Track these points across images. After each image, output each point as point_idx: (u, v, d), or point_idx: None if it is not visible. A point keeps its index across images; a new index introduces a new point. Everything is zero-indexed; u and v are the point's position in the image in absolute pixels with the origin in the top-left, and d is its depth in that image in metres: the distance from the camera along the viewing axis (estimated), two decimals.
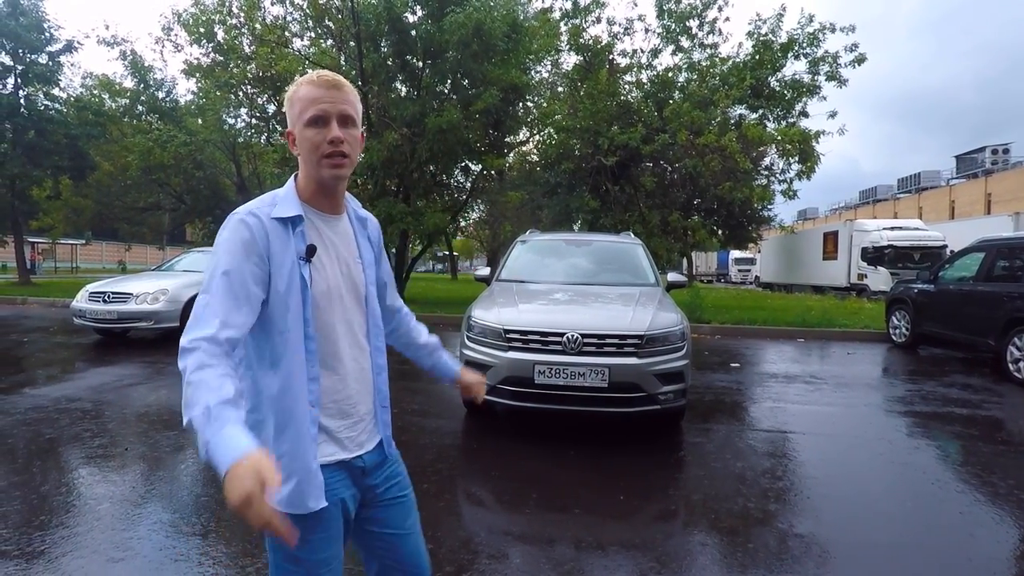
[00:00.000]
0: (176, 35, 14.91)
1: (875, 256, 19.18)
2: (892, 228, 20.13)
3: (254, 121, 15.68)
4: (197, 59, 15.06)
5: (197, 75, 15.07)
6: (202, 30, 13.93)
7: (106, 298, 8.22)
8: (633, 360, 4.02)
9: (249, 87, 14.79)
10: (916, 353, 8.86)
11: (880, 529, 3.01)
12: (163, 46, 15.28)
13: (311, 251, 1.19)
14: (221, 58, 14.27)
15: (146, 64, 15.21)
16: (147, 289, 8.24)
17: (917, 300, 8.97)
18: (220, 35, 14.04)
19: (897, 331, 9.50)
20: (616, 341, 4.06)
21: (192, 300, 8.49)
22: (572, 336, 4.03)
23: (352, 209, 1.36)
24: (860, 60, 13.86)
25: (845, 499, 3.39)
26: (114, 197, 17.41)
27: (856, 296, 18.82)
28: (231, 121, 15.18)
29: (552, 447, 4.17)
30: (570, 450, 4.08)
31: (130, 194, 16.91)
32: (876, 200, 53.41)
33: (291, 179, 1.28)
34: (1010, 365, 6.71)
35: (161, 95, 15.71)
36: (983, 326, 7.32)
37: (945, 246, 18.32)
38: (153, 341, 8.53)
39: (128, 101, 15.54)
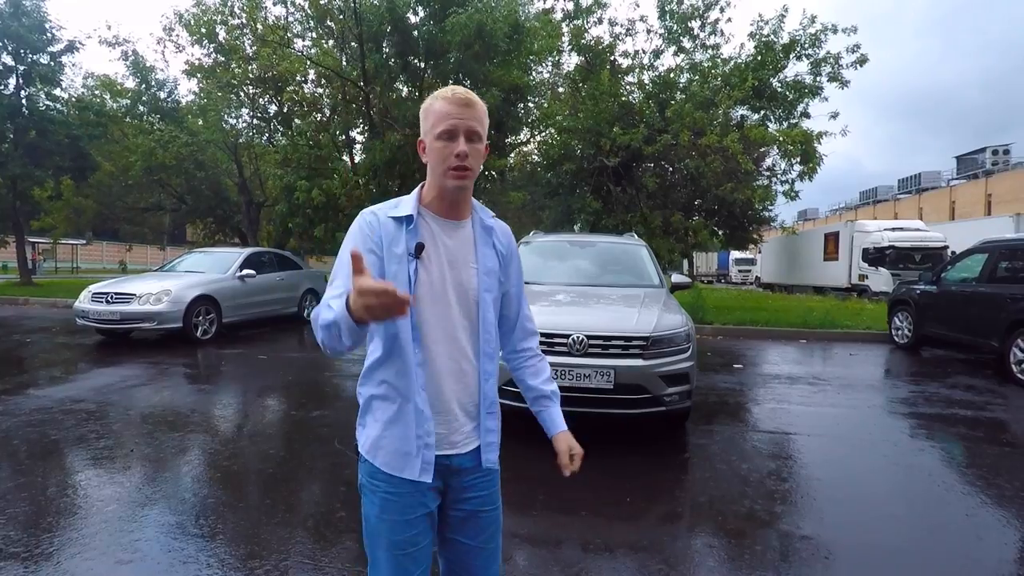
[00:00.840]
0: (178, 35, 14.88)
1: (876, 257, 19.18)
2: (893, 229, 20.14)
3: (255, 121, 15.68)
4: (199, 59, 15.05)
5: (199, 75, 15.05)
6: (204, 30, 13.91)
7: (109, 299, 8.22)
8: (639, 362, 4.02)
9: (251, 87, 14.78)
10: (919, 354, 8.87)
11: (886, 532, 3.01)
12: (164, 46, 15.27)
13: (419, 248, 1.28)
14: (223, 58, 14.25)
15: (148, 64, 15.21)
16: (150, 290, 8.24)
17: (920, 301, 8.97)
18: (222, 35, 14.02)
19: (899, 332, 9.50)
20: (622, 343, 4.06)
21: (196, 301, 8.55)
22: (578, 338, 4.03)
23: (480, 217, 1.41)
24: (862, 61, 13.85)
25: (850, 501, 3.40)
26: (115, 197, 17.39)
27: (857, 297, 18.82)
28: (232, 121, 15.19)
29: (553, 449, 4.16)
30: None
31: (131, 194, 16.90)
32: (877, 201, 53.43)
33: (419, 186, 1.40)
34: (1013, 367, 6.71)
35: (163, 95, 15.71)
36: (986, 327, 7.32)
37: (946, 247, 18.32)
38: (156, 342, 8.53)
39: (129, 101, 15.53)
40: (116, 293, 8.28)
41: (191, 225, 21.31)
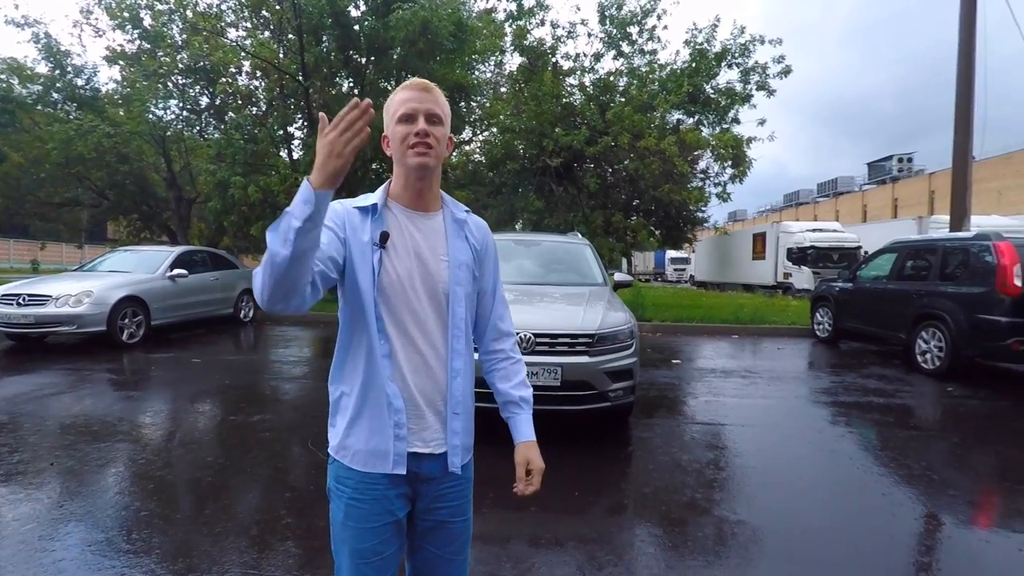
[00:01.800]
0: (97, 19, 13.91)
1: (799, 256, 20.42)
2: (813, 230, 21.51)
3: (186, 114, 14.84)
4: (121, 46, 14.11)
5: (121, 63, 14.10)
6: (127, 15, 13.06)
7: (21, 301, 7.59)
8: (585, 359, 4.13)
9: (180, 78, 13.99)
10: (838, 347, 9.52)
11: (813, 513, 3.24)
12: (82, 30, 14.22)
13: (383, 237, 1.26)
14: (148, 45, 13.42)
15: (63, 49, 14.09)
16: (68, 291, 7.67)
17: (838, 298, 9.63)
18: (147, 21, 13.21)
19: (821, 327, 10.16)
20: (568, 340, 4.15)
21: (121, 302, 8.06)
22: (525, 336, 4.09)
23: (451, 211, 1.39)
24: (786, 72, 14.72)
25: (780, 486, 3.63)
26: (25, 191, 15.99)
27: (783, 294, 19.95)
28: (160, 113, 14.29)
29: (506, 447, 4.19)
30: None
31: (44, 188, 15.57)
32: (799, 203, 56.79)
33: (385, 183, 1.37)
34: (918, 357, 7.33)
35: (80, 82, 14.57)
36: (895, 321, 7.95)
37: (859, 247, 19.75)
38: (75, 347, 7.96)
39: (42, 88, 14.31)
40: (29, 295, 7.65)
41: (113, 222, 19.93)
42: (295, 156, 13.83)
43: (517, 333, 4.07)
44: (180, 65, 13.47)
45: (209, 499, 3.28)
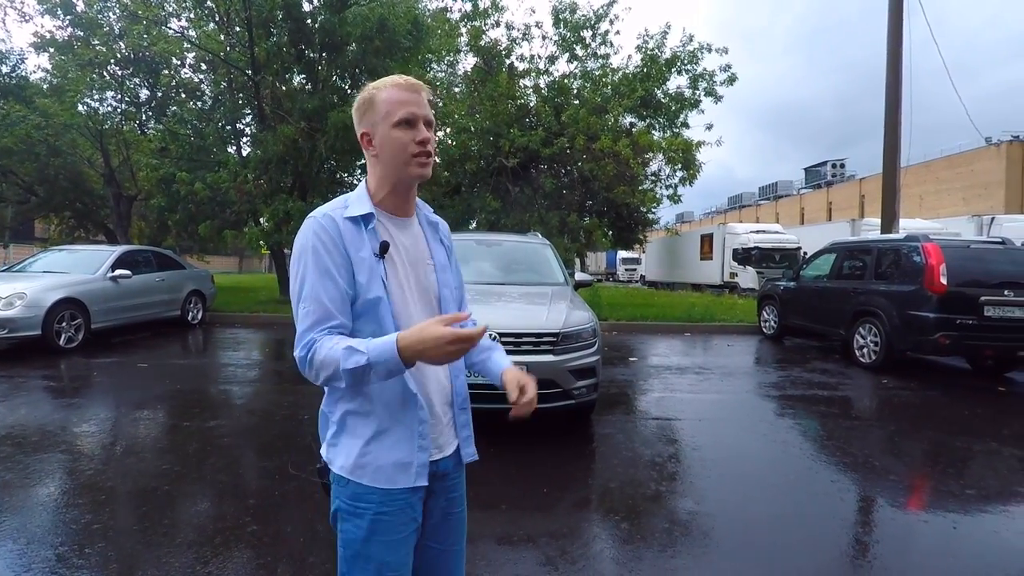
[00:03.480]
0: (23, 2, 13.04)
1: (744, 257, 21.27)
2: (757, 232, 22.45)
3: (124, 106, 14.06)
4: (51, 32, 13.25)
5: (51, 50, 13.26)
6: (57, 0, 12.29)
7: None
8: (549, 357, 4.20)
9: (118, 68, 13.26)
10: (783, 343, 9.98)
11: (767, 502, 3.41)
12: (6, 13, 13.35)
13: (384, 247, 1.23)
14: (81, 33, 12.66)
15: None
16: None
17: (783, 296, 10.10)
18: (80, 6, 12.46)
19: (767, 324, 10.63)
20: (533, 339, 4.21)
21: (58, 305, 7.56)
22: (490, 335, 4.11)
23: (423, 214, 1.39)
24: (732, 79, 15.30)
25: (735, 476, 3.79)
26: None
27: (729, 293, 20.73)
28: (95, 105, 13.50)
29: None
30: (490, 447, 4.15)
31: None
32: (742, 206, 59.10)
33: (362, 183, 1.31)
34: (856, 351, 7.79)
35: (4, 70, 13.60)
36: (835, 318, 8.41)
37: (799, 248, 20.75)
38: (7, 353, 7.45)
39: None
40: None
41: (41, 220, 18.68)
42: (244, 152, 13.36)
43: None
44: (118, 55, 12.78)
45: (167, 509, 3.16)
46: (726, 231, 23.10)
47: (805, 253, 16.43)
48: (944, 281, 6.71)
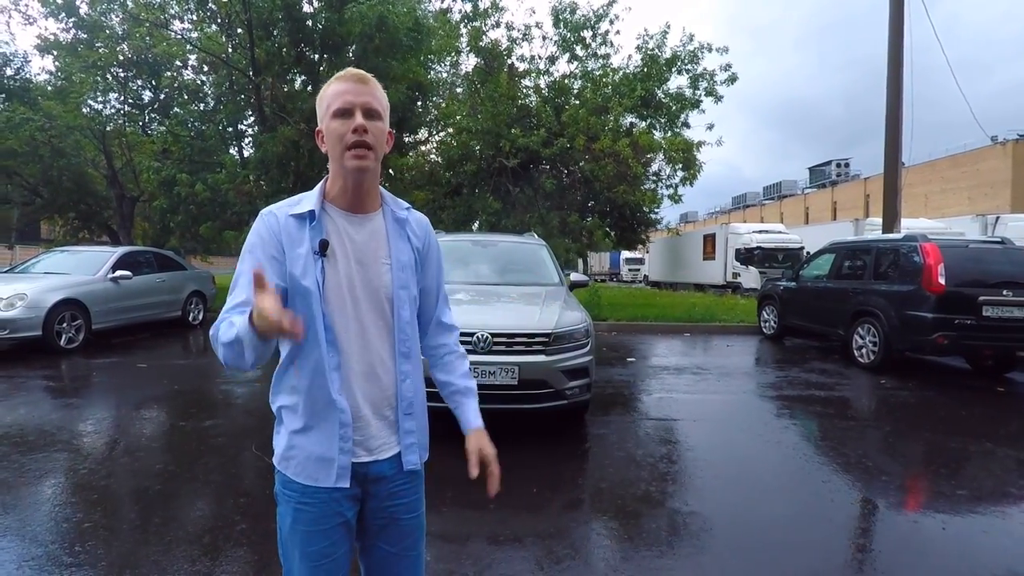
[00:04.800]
0: (27, 5, 13.12)
1: (746, 256, 21.20)
2: (760, 231, 22.37)
3: (127, 108, 14.14)
4: (54, 34, 13.34)
5: (55, 52, 13.35)
6: (60, 1, 12.37)
7: None
8: (541, 358, 4.20)
9: (121, 70, 13.34)
10: (783, 344, 9.95)
11: (760, 502, 3.41)
12: (10, 16, 13.41)
13: (323, 246, 1.22)
14: (85, 35, 12.75)
15: None
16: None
17: (783, 296, 10.07)
18: (84, 9, 12.54)
19: (767, 324, 10.60)
20: (525, 340, 4.21)
21: (59, 305, 7.63)
22: (482, 336, 4.13)
23: (391, 210, 1.35)
24: (733, 79, 15.25)
25: (730, 477, 3.79)
26: None
27: (732, 293, 20.67)
28: (98, 107, 13.57)
29: (463, 446, 4.23)
30: None
31: None
32: (746, 206, 58.92)
33: (322, 180, 1.31)
34: (855, 351, 7.76)
35: (9, 72, 13.69)
36: (834, 318, 8.39)
37: (802, 247, 20.66)
38: (8, 353, 7.51)
39: None
40: None
41: (47, 221, 18.80)
42: (246, 153, 13.42)
43: (475, 333, 4.13)
44: (121, 57, 12.86)
45: (158, 508, 3.18)
46: (728, 231, 23.04)
47: (808, 253, 16.37)
48: (942, 281, 6.68)
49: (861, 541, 2.96)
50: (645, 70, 15.12)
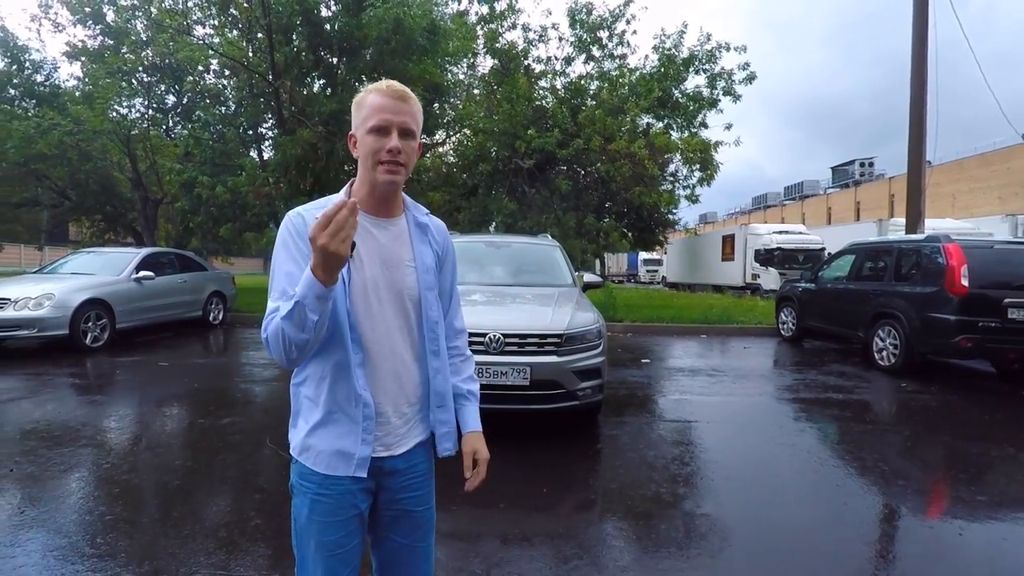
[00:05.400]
0: (56, 13, 13.52)
1: (766, 258, 20.91)
2: (780, 232, 22.06)
3: (151, 112, 14.49)
4: (82, 41, 13.72)
5: (83, 59, 13.73)
6: (88, 9, 12.72)
7: None
8: (553, 358, 4.21)
9: (145, 75, 13.67)
10: (801, 346, 9.82)
11: (771, 504, 3.38)
12: (40, 24, 13.81)
13: (351, 247, 1.24)
14: (111, 42, 13.09)
15: (19, 43, 13.65)
16: (28, 293, 7.45)
17: (801, 298, 9.93)
18: (110, 16, 12.89)
19: (785, 326, 10.46)
20: (537, 340, 4.23)
21: (84, 305, 7.84)
22: (494, 336, 4.16)
23: (413, 215, 1.41)
24: (751, 78, 15.11)
25: (742, 480, 3.76)
26: None
27: (751, 295, 20.40)
28: (123, 111, 13.93)
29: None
30: (493, 448, 4.13)
31: (1, 188, 15.03)
32: (767, 206, 58.09)
33: (348, 184, 1.36)
34: (875, 354, 7.63)
35: (39, 78, 14.12)
36: (854, 320, 8.25)
37: (823, 248, 20.32)
38: (37, 351, 7.74)
39: None
40: None
41: (75, 223, 19.32)
42: (265, 156, 13.65)
43: (487, 333, 4.16)
44: (145, 62, 13.18)
45: (176, 502, 3.26)
46: (748, 232, 22.75)
47: (829, 254, 16.12)
48: (965, 282, 6.54)
49: (874, 546, 2.91)
50: (662, 70, 15.05)
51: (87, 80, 14.13)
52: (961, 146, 32.28)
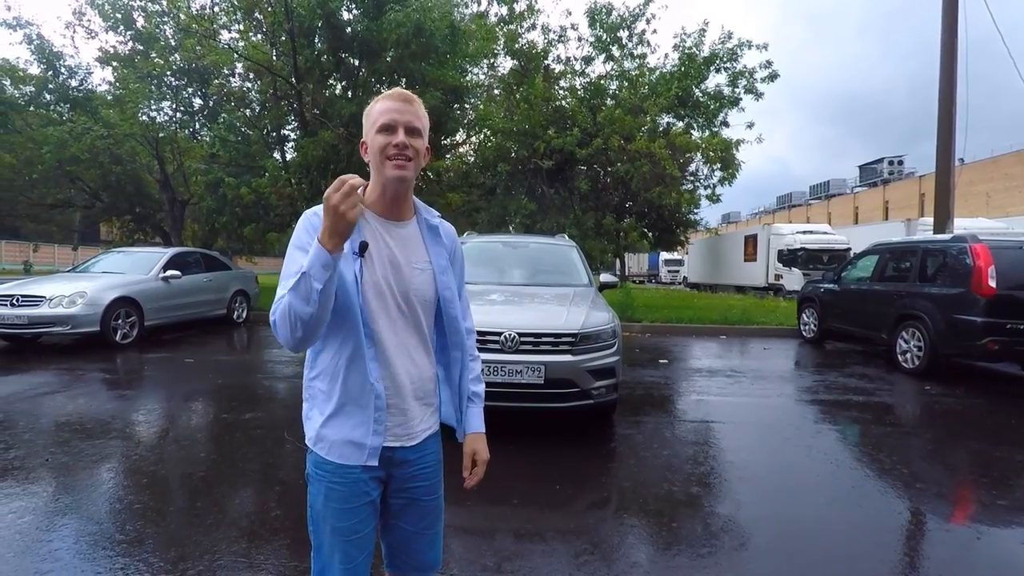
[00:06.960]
0: (89, 20, 13.95)
1: (789, 258, 20.59)
2: (804, 232, 21.69)
3: (179, 115, 14.88)
4: (114, 47, 14.15)
5: (114, 64, 14.15)
6: (119, 16, 13.11)
7: (14, 301, 7.64)
8: (568, 357, 4.24)
9: (173, 79, 14.05)
10: (823, 347, 9.67)
11: (786, 505, 3.36)
12: (74, 31, 14.27)
13: (363, 247, 1.30)
14: (141, 47, 13.48)
15: (55, 50, 14.13)
16: (62, 291, 7.74)
17: (823, 299, 9.78)
18: (140, 22, 13.27)
19: (807, 327, 10.32)
20: (551, 339, 4.26)
21: (115, 303, 8.12)
22: (509, 335, 4.20)
23: (424, 218, 1.47)
24: (773, 76, 14.92)
25: (758, 480, 3.75)
26: (17, 192, 16.01)
27: (774, 296, 20.11)
28: (153, 114, 14.34)
29: (490, 442, 4.30)
30: (508, 445, 4.23)
31: (36, 189, 15.56)
32: (792, 206, 57.14)
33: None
34: (899, 356, 7.49)
35: (73, 84, 14.60)
36: (877, 322, 8.10)
37: (849, 249, 19.92)
38: (69, 347, 8.02)
39: (34, 89, 14.34)
40: (23, 295, 7.70)
41: (106, 224, 19.91)
42: (288, 157, 13.91)
43: (502, 332, 4.21)
44: (173, 67, 13.53)
45: (201, 493, 3.38)
46: (771, 232, 22.43)
47: (855, 254, 15.82)
48: (993, 284, 6.39)
49: (888, 549, 2.88)
50: (682, 69, 14.94)
51: (118, 84, 14.57)
52: (997, 143, 31.32)
